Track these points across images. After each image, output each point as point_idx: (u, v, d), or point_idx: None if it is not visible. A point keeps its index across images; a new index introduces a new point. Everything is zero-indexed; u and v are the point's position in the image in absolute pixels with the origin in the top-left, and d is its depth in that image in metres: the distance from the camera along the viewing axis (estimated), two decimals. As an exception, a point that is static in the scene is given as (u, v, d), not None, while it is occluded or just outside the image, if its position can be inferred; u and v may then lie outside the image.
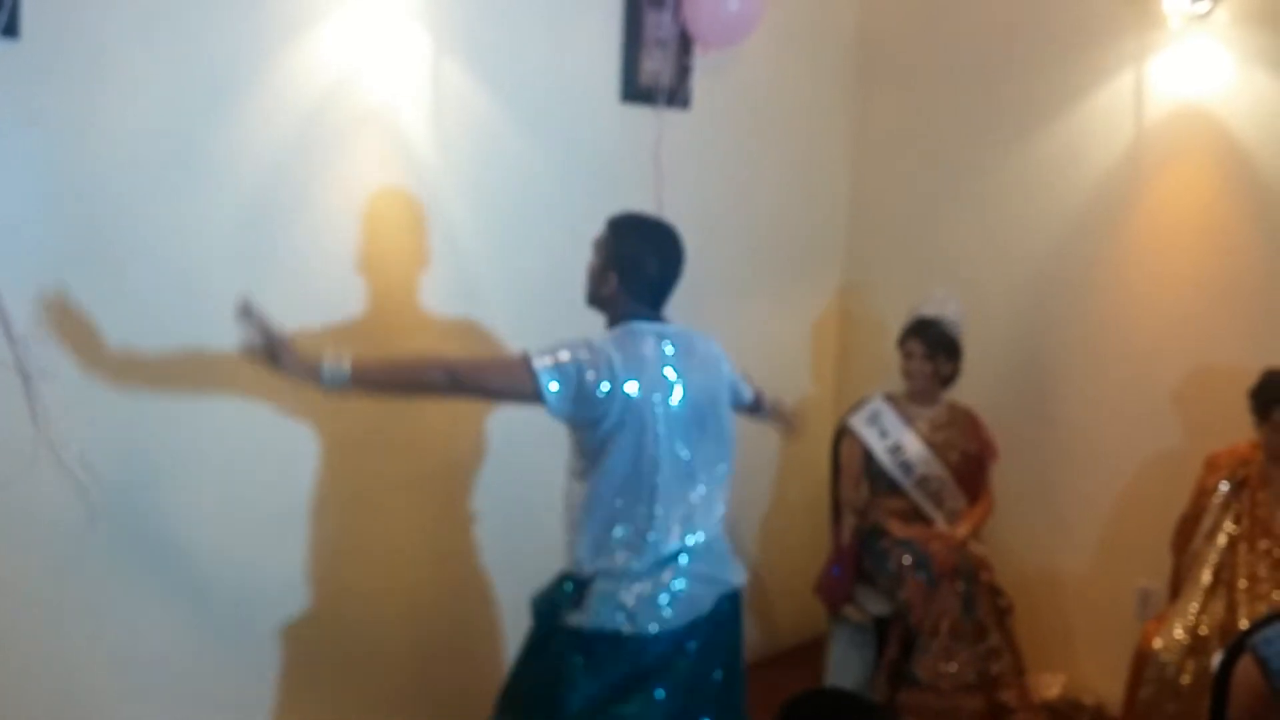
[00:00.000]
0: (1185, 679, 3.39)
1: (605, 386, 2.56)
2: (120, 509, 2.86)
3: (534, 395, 2.54)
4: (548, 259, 3.68)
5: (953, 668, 3.72)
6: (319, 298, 3.19)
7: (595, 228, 2.81)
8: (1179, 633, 3.44)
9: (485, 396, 2.71)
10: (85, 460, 2.77)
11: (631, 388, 2.59)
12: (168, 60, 2.83)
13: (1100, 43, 4.10)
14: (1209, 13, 3.79)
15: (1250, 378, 3.51)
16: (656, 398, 2.63)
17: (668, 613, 2.65)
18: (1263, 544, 3.48)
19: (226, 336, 3.00)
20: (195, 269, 2.94)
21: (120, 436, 2.86)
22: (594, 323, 2.77)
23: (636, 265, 2.73)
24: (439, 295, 3.46)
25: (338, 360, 2.47)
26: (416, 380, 2.65)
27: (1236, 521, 3.53)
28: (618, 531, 2.65)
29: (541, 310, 3.66)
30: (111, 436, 2.84)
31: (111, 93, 2.74)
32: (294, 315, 3.13)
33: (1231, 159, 3.86)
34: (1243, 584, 3.45)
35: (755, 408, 3.17)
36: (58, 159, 2.69)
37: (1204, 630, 3.42)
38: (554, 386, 2.53)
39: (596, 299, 2.79)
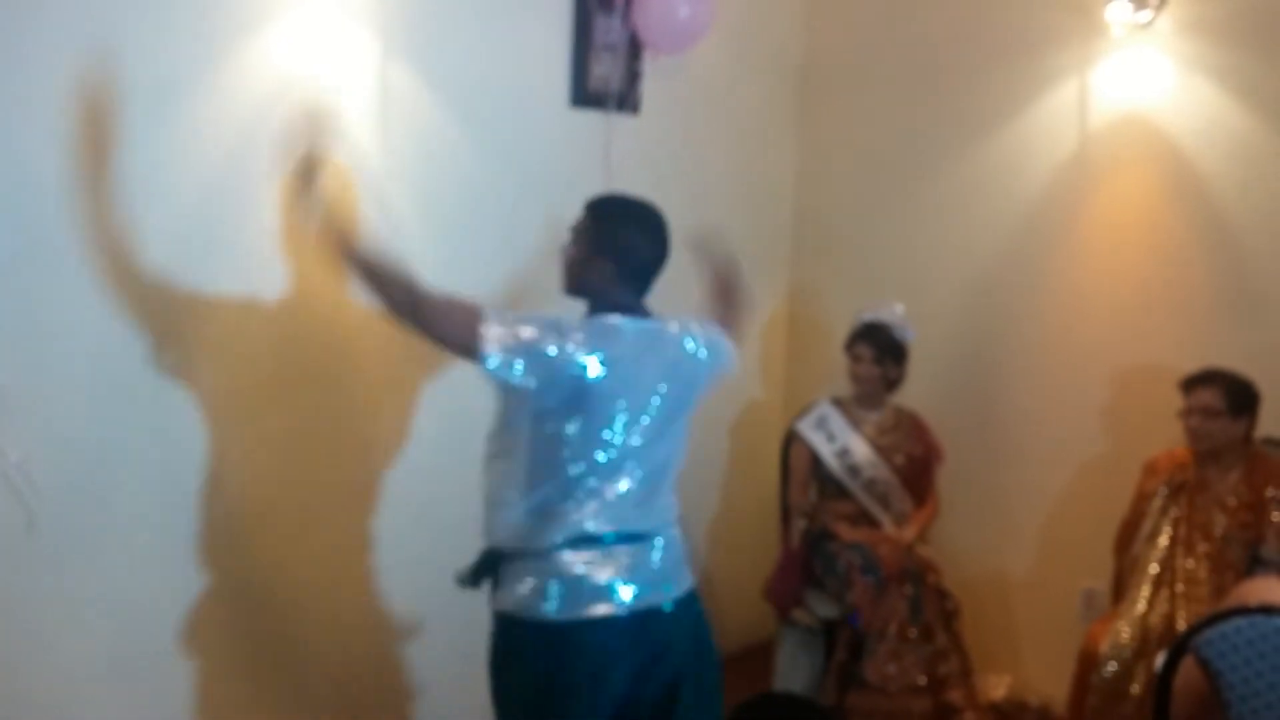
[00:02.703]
0: (1131, 681, 3.43)
1: (555, 356, 2.47)
2: (61, 513, 2.81)
3: (475, 356, 2.46)
4: (496, 263, 3.67)
5: (900, 670, 3.75)
6: (267, 299, 3.16)
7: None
8: (1124, 635, 3.49)
9: (428, 335, 2.55)
10: (25, 464, 2.72)
11: (588, 369, 2.50)
12: (115, 62, 2.78)
13: (1045, 51, 4.14)
14: (1151, 22, 3.85)
15: (1191, 381, 3.59)
16: (608, 385, 2.53)
17: (554, 604, 2.54)
18: (1201, 547, 3.53)
19: (177, 338, 2.99)
20: (140, 270, 2.90)
21: (62, 440, 2.81)
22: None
23: (629, 250, 2.64)
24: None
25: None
26: (383, 281, 2.54)
27: (1175, 525, 3.58)
28: (530, 511, 2.56)
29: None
30: (52, 440, 2.79)
31: (55, 93, 2.70)
32: (242, 315, 3.12)
33: (1173, 165, 3.92)
34: (1182, 587, 3.50)
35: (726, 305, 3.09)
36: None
37: (1148, 633, 3.46)
38: (494, 359, 2.44)
39: (581, 287, 2.67)
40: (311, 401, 3.32)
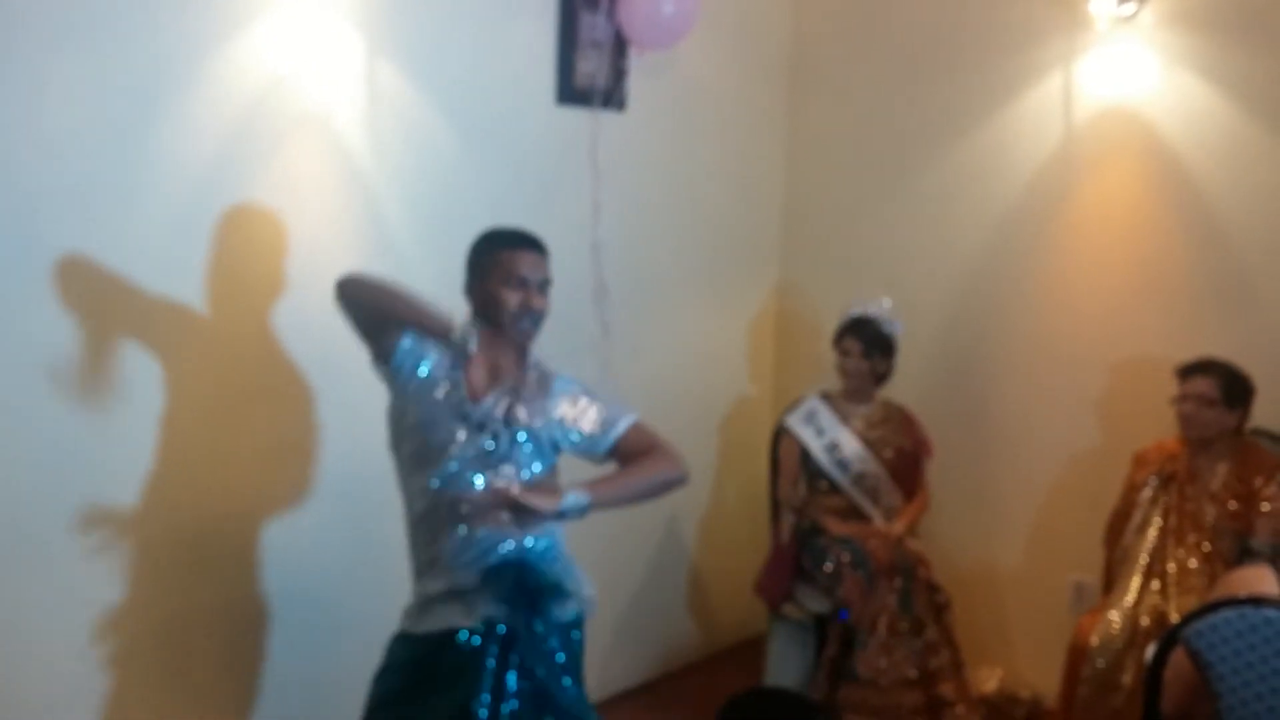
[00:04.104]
0: (1121, 673, 3.44)
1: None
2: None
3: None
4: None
5: (891, 663, 3.75)
6: (254, 298, 3.15)
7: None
8: (1114, 627, 3.49)
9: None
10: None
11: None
12: (100, 62, 2.77)
13: (1029, 45, 4.15)
14: (1135, 15, 3.86)
15: (1176, 373, 3.60)
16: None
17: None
18: (1191, 537, 3.54)
19: (158, 338, 2.97)
20: (130, 271, 2.88)
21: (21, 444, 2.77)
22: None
23: None
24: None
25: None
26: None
27: (1166, 516, 3.59)
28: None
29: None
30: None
31: (42, 95, 2.68)
32: (230, 316, 3.10)
33: (1158, 158, 3.93)
34: (1173, 577, 3.51)
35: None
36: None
37: (1138, 624, 3.47)
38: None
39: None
40: (295, 396, 3.31)
